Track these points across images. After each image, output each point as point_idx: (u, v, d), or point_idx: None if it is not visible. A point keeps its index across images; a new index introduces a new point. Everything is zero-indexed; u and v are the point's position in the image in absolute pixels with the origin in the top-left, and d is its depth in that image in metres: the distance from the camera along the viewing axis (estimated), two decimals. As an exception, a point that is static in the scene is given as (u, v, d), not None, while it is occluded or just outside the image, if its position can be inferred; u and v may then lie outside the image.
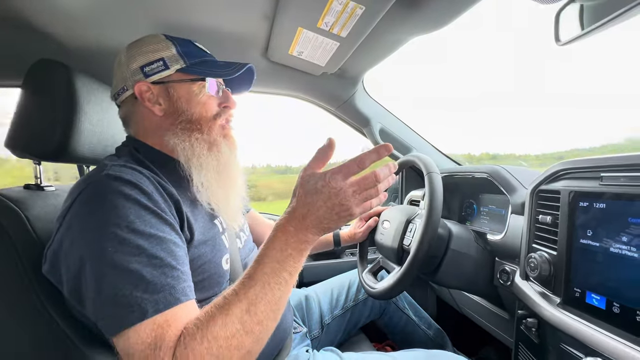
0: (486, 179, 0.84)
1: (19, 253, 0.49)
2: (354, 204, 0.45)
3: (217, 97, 0.62)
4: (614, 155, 0.51)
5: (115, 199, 0.43)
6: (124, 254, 0.41)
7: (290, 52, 0.87)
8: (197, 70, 0.59)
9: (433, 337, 1.00)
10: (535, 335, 0.59)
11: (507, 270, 0.72)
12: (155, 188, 0.48)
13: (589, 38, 0.55)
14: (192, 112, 0.58)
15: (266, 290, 0.43)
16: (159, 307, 0.40)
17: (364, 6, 0.65)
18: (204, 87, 0.59)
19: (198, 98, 0.59)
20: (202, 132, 0.58)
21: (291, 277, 0.45)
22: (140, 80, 0.57)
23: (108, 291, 0.39)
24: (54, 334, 0.48)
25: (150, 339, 0.38)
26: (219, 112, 0.61)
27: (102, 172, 0.46)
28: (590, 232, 0.52)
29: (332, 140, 0.47)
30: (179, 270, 0.44)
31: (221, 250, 0.56)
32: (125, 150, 0.57)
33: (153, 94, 0.57)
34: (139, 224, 0.43)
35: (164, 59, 0.57)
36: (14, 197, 0.54)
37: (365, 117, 1.19)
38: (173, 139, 0.56)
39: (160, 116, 0.58)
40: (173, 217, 0.48)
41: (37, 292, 0.48)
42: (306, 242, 0.46)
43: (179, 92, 0.58)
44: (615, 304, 0.46)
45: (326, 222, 0.45)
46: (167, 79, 0.57)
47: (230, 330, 0.40)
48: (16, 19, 0.68)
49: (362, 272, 0.93)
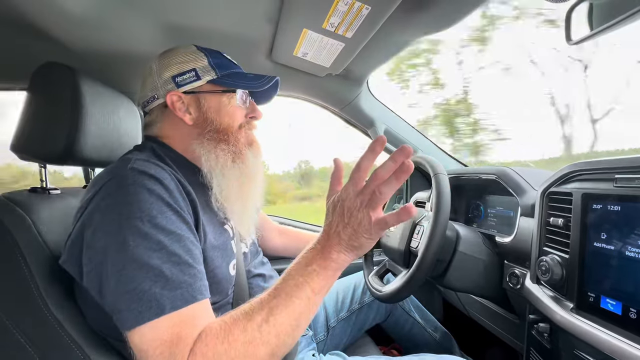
0: (494, 180, 0.83)
1: (25, 257, 0.49)
2: (362, 214, 0.42)
3: (244, 108, 0.63)
4: (628, 157, 0.50)
5: (140, 192, 0.44)
6: (145, 249, 0.41)
7: (295, 54, 0.86)
8: (228, 81, 0.60)
9: (440, 341, 0.99)
10: (548, 341, 0.58)
11: (516, 273, 0.71)
12: (175, 186, 0.48)
13: (600, 37, 0.55)
14: (220, 122, 0.59)
15: (287, 302, 0.42)
16: (177, 304, 0.40)
17: (370, 6, 0.64)
18: (233, 98, 0.61)
19: (227, 109, 0.60)
20: (229, 143, 0.59)
21: (314, 295, 0.44)
22: (172, 89, 0.58)
23: (127, 285, 0.40)
24: (60, 338, 0.47)
25: (167, 336, 0.39)
26: (244, 122, 0.63)
27: (127, 165, 0.46)
28: (604, 235, 0.50)
29: (336, 161, 0.48)
30: (195, 269, 0.44)
31: (230, 256, 0.56)
32: (147, 147, 0.57)
33: (184, 103, 0.58)
34: (161, 220, 0.43)
35: (195, 69, 0.58)
36: (19, 201, 0.54)
37: (370, 118, 1.18)
38: (199, 148, 0.57)
39: (190, 125, 0.59)
40: (190, 216, 0.49)
41: (42, 296, 0.48)
42: (331, 259, 0.44)
43: (209, 103, 0.59)
44: (632, 309, 0.45)
45: (347, 239, 0.44)
46: (198, 89, 0.59)
47: (249, 336, 0.40)
48: (22, 22, 0.68)
49: (369, 274, 0.92)
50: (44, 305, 0.48)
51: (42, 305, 0.48)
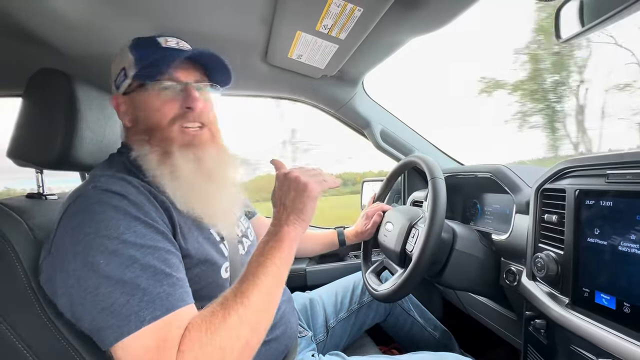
0: (489, 178, 0.84)
1: (22, 263, 0.49)
2: (296, 173, 0.55)
3: (177, 99, 0.55)
4: (618, 152, 0.50)
5: (105, 211, 0.43)
6: (117, 266, 0.40)
7: (290, 56, 0.87)
8: (145, 73, 0.54)
9: (439, 339, 0.99)
10: (544, 337, 0.58)
11: (513, 270, 0.71)
12: (145, 197, 0.48)
13: (590, 34, 0.55)
14: (149, 120, 0.54)
15: (256, 281, 0.47)
16: (157, 313, 0.40)
17: (362, 8, 0.64)
18: (161, 89, 0.54)
19: (155, 103, 0.54)
20: (155, 143, 0.54)
21: (278, 269, 0.49)
22: (114, 93, 0.58)
23: (103, 302, 0.39)
24: (59, 346, 0.47)
25: (152, 342, 0.39)
26: (178, 114, 0.55)
27: (90, 184, 0.46)
28: (598, 230, 0.51)
29: (274, 161, 0.61)
30: (174, 277, 0.44)
31: (219, 261, 0.55)
32: (118, 159, 0.57)
33: (124, 105, 0.57)
34: (130, 235, 0.43)
35: (125, 68, 0.56)
36: (16, 207, 0.54)
37: (366, 119, 1.19)
38: (137, 151, 0.54)
39: (129, 127, 0.58)
40: (165, 225, 0.48)
41: (40, 303, 0.48)
42: (283, 232, 0.52)
43: (139, 100, 0.55)
44: (626, 303, 0.46)
45: (291, 204, 0.54)
46: (130, 89, 0.56)
47: (229, 321, 0.42)
48: (17, 28, 0.68)
49: (366, 272, 0.93)
50: (42, 310, 0.48)
51: (39, 311, 0.48)
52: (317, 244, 1.01)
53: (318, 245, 1.02)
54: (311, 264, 1.23)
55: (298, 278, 1.17)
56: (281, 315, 0.65)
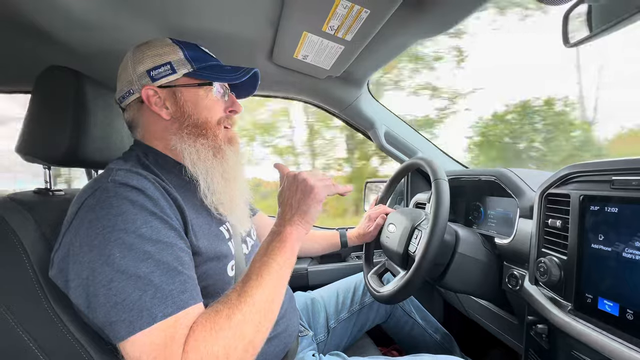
0: (493, 181, 0.83)
1: (29, 257, 0.49)
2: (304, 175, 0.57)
3: (223, 101, 0.63)
4: (625, 158, 0.50)
5: (122, 205, 0.44)
6: (132, 260, 0.41)
7: (295, 56, 0.87)
8: (205, 74, 0.59)
9: (440, 342, 0.99)
10: (546, 342, 0.58)
11: (515, 274, 0.71)
12: (160, 194, 0.48)
13: (598, 39, 0.55)
14: (198, 117, 0.58)
15: (259, 281, 0.48)
16: (168, 311, 0.41)
17: (369, 9, 0.65)
18: (210, 91, 0.60)
19: (204, 102, 0.59)
20: (207, 138, 0.58)
21: (281, 268, 0.51)
22: (147, 84, 0.57)
23: (117, 296, 0.40)
24: (65, 340, 0.48)
25: (160, 340, 0.39)
26: (223, 116, 0.62)
27: (109, 178, 0.47)
28: (602, 236, 0.51)
29: (277, 165, 0.65)
30: (185, 275, 0.44)
31: (227, 257, 0.57)
32: (132, 154, 0.57)
33: (160, 98, 0.57)
34: (146, 230, 0.43)
35: (171, 62, 0.57)
36: (24, 202, 0.55)
37: (370, 120, 1.19)
38: (180, 144, 0.57)
39: (167, 120, 0.58)
40: (178, 222, 0.49)
41: (47, 297, 0.49)
42: (286, 233, 0.54)
43: (186, 96, 0.58)
44: (629, 310, 0.45)
45: (297, 204, 0.55)
46: (174, 83, 0.58)
47: (233, 320, 0.43)
48: (26, 25, 0.69)
49: (368, 273, 0.93)
50: (49, 305, 0.48)
51: (46, 306, 0.48)
52: (320, 244, 1.02)
53: (320, 246, 1.02)
54: (313, 264, 1.23)
55: (300, 278, 1.18)
56: (283, 314, 0.65)
